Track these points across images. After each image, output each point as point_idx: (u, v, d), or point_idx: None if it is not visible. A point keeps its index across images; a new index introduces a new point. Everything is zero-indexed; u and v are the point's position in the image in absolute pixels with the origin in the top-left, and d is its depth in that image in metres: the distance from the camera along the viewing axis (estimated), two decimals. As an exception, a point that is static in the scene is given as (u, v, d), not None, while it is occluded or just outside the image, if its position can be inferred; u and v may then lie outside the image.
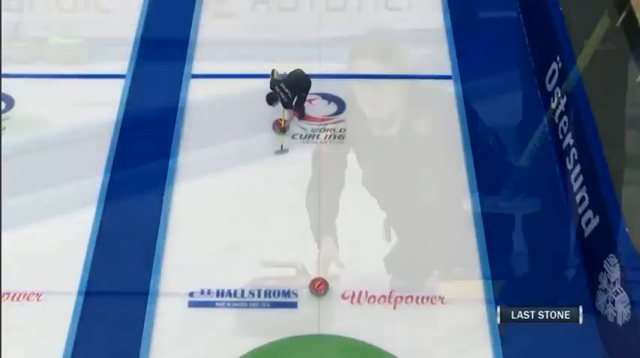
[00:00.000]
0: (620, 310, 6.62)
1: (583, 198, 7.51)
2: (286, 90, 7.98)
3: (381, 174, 8.01)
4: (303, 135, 8.51)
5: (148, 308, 7.04)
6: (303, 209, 7.64)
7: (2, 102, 8.97)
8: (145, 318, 6.95)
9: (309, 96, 8.72)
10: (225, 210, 7.85)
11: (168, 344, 6.84)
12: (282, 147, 8.19)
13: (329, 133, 8.55)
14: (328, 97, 8.92)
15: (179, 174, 8.23)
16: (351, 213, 7.65)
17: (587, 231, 7.35)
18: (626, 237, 6.78)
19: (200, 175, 8.27)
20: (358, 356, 6.74)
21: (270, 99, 8.18)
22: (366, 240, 7.48)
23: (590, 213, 7.35)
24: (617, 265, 6.73)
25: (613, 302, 6.74)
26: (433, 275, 7.26)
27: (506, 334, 6.63)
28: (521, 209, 7.71)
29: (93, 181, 8.07)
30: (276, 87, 8.09)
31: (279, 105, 8.37)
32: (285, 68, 8.55)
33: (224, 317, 6.98)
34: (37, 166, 8.33)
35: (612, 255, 6.81)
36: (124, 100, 8.93)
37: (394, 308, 6.98)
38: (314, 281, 7.15)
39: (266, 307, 7.04)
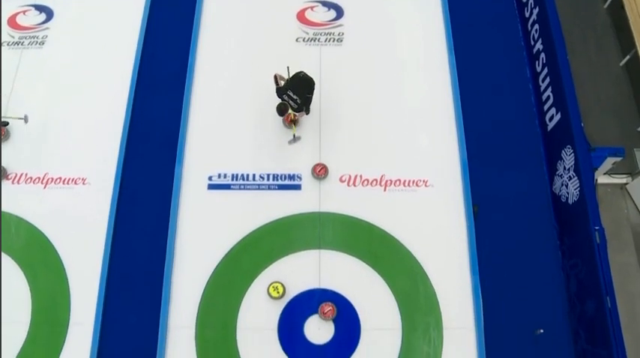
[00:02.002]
0: (571, 192, 7.85)
1: (548, 97, 8.48)
2: (294, 97, 7.91)
3: (375, 73, 8.80)
4: (306, 39, 9.06)
5: (174, 191, 7.99)
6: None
7: (42, 14, 9.48)
8: (172, 199, 7.93)
9: (310, 4, 9.26)
10: (240, 104, 8.55)
11: (191, 221, 7.86)
12: (294, 136, 8.26)
13: (329, 37, 9.12)
14: (328, 5, 9.42)
15: (198, 71, 8.81)
16: (348, 107, 8.50)
17: (550, 125, 8.38)
18: (581, 131, 7.87)
19: (217, 73, 8.87)
20: (352, 230, 7.77)
21: (282, 110, 8.04)
22: (361, 131, 8.34)
23: (553, 110, 8.35)
24: (572, 154, 7.84)
25: (566, 185, 7.96)
26: (419, 161, 8.15)
27: (477, 212, 7.83)
28: (495, 104, 8.55)
29: (124, 75, 8.76)
30: (284, 96, 7.99)
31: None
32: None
33: (238, 198, 7.96)
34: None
35: (569, 146, 7.92)
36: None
37: (384, 190, 8.01)
38: (315, 166, 8.06)
39: (274, 189, 8.01)
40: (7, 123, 8.32)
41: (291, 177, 8.00)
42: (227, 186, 8.02)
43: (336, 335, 7.31)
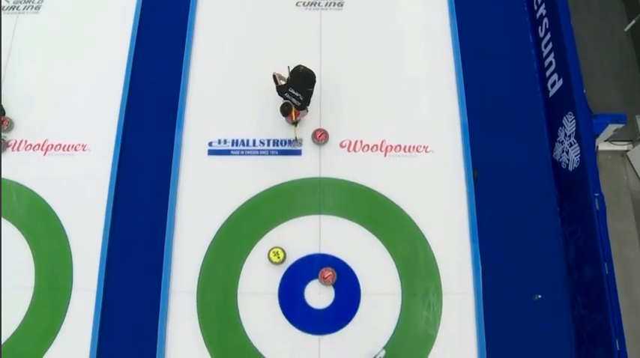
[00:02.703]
0: (572, 158, 7.86)
1: (551, 63, 8.40)
2: (296, 94, 7.65)
3: (376, 37, 8.70)
4: (306, 3, 8.93)
5: (174, 157, 7.99)
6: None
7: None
8: (172, 165, 7.93)
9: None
10: (240, 72, 8.46)
11: (192, 187, 7.89)
12: (296, 138, 8.08)
13: (329, 1, 8.95)
14: (328, -32, 9.41)
15: (197, 35, 8.72)
16: (349, 72, 8.42)
17: (552, 91, 8.33)
18: (583, 97, 7.84)
19: (217, 38, 8.76)
20: (353, 195, 7.79)
21: (286, 111, 7.78)
22: (361, 96, 8.29)
23: (555, 76, 8.29)
24: (574, 121, 7.84)
25: (567, 152, 7.96)
26: (420, 127, 8.13)
27: (477, 177, 7.84)
28: (497, 70, 8.49)
29: (123, 40, 8.66)
30: (286, 94, 7.72)
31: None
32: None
33: (238, 164, 7.96)
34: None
35: (570, 113, 7.91)
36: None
37: (385, 155, 8.01)
38: (316, 131, 8.05)
39: (274, 154, 8.01)
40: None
41: (292, 142, 7.98)
42: (227, 152, 8.02)
43: (336, 300, 7.40)
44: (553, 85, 8.28)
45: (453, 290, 7.44)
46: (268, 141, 8.05)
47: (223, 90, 8.38)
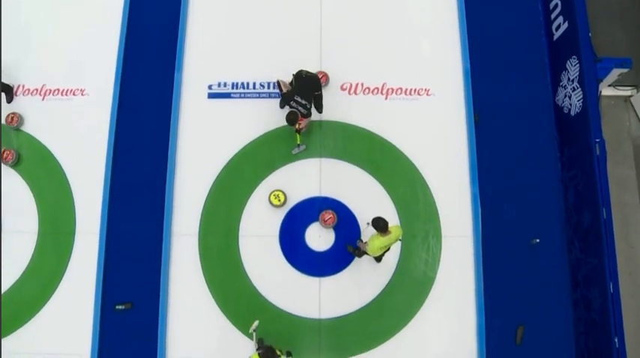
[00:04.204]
0: (574, 103, 7.78)
1: (556, 5, 8.21)
2: (303, 102, 7.33)
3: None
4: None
5: (174, 100, 7.95)
6: (306, 13, 8.20)
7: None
8: (172, 109, 7.90)
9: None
10: (240, 14, 8.32)
11: (192, 130, 7.87)
12: (299, 145, 7.74)
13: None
14: None
15: None
16: (350, 14, 8.27)
17: (557, 35, 8.18)
18: (588, 40, 7.69)
19: None
20: (353, 138, 7.77)
21: (293, 120, 7.38)
22: (362, 38, 8.17)
23: (560, 19, 8.12)
24: (578, 65, 7.72)
25: (570, 97, 7.87)
26: (421, 70, 8.05)
27: (478, 121, 7.81)
28: (501, 12, 8.32)
29: None
30: (292, 102, 7.35)
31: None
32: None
33: (238, 107, 7.93)
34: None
35: (575, 57, 7.77)
36: None
37: (386, 98, 7.97)
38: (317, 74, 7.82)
39: (275, 97, 7.95)
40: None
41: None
42: (227, 95, 7.98)
43: (336, 242, 7.49)
44: (558, 28, 8.12)
45: (452, 233, 7.54)
46: (268, 84, 7.98)
47: (223, 33, 8.26)
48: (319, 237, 7.49)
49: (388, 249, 6.76)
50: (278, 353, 6.32)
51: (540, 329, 7.29)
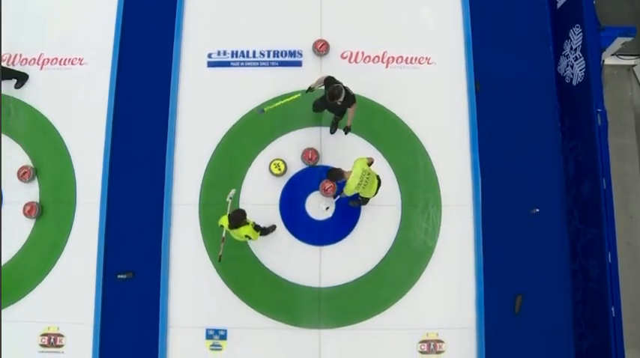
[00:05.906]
0: (576, 72, 7.71)
1: (560, -28, 8.11)
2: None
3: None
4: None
5: (173, 69, 7.87)
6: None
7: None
8: (171, 78, 7.83)
9: None
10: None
11: (192, 99, 7.82)
12: (263, 110, 7.24)
13: None
14: None
15: None
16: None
17: (560, 2, 8.06)
18: (592, 8, 7.57)
19: None
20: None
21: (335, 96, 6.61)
22: (363, 6, 8.06)
23: (564, -14, 8.03)
24: (581, 34, 7.62)
25: (572, 66, 7.80)
26: (422, 38, 7.98)
27: (479, 90, 7.77)
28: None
29: None
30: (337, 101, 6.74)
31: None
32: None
33: (238, 75, 7.87)
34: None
35: (578, 25, 7.67)
36: None
37: (386, 67, 7.90)
38: (316, 42, 7.88)
39: (275, 66, 7.90)
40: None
41: (292, 53, 7.86)
42: (227, 64, 7.92)
43: (336, 212, 7.52)
44: (561, -4, 8.04)
45: (453, 202, 7.55)
46: (268, 52, 7.91)
47: (222, 1, 8.13)
48: (319, 206, 7.48)
49: (375, 191, 6.84)
50: (248, 220, 6.51)
51: (539, 298, 7.35)
